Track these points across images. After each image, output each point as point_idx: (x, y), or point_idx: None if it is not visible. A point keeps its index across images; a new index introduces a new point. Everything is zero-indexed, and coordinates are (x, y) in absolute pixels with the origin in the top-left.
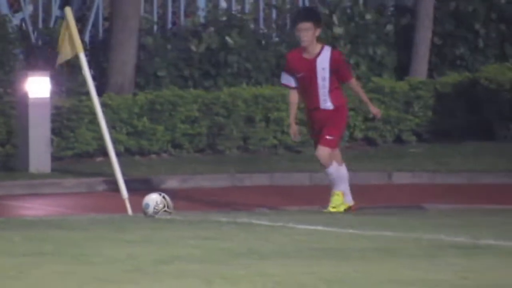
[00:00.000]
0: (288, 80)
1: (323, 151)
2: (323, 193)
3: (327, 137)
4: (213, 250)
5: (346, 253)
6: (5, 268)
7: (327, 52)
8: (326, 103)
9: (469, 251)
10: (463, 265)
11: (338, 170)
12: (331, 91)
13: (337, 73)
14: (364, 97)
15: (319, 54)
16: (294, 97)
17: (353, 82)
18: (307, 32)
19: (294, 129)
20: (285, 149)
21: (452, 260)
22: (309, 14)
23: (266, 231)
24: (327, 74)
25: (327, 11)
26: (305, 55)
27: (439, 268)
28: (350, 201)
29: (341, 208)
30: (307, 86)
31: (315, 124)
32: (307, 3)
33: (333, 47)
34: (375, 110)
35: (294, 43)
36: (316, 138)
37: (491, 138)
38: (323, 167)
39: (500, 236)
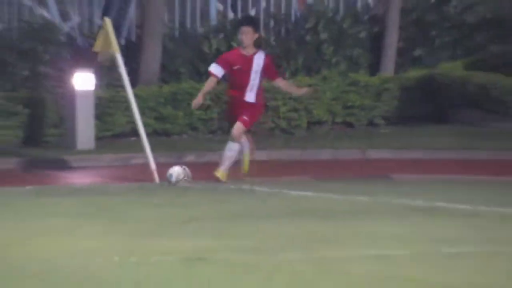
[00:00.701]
0: (217, 70)
1: (238, 126)
2: (312, 166)
3: (244, 117)
4: (222, 212)
5: (331, 214)
6: (56, 227)
7: (262, 54)
8: (250, 97)
9: (427, 212)
10: (423, 223)
11: (236, 151)
12: (258, 88)
13: (267, 72)
14: (291, 88)
15: (255, 53)
16: (212, 85)
17: (280, 81)
18: (247, 35)
19: (200, 100)
20: (280, 131)
21: (416, 219)
22: (250, 21)
23: (264, 196)
24: (259, 69)
25: (314, 20)
26: (244, 52)
27: (406, 225)
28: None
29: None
30: (240, 78)
31: (236, 111)
32: (298, 15)
33: (266, 52)
34: (303, 90)
35: (287, 46)
36: (233, 121)
37: (445, 122)
38: (232, 138)
39: (452, 200)
